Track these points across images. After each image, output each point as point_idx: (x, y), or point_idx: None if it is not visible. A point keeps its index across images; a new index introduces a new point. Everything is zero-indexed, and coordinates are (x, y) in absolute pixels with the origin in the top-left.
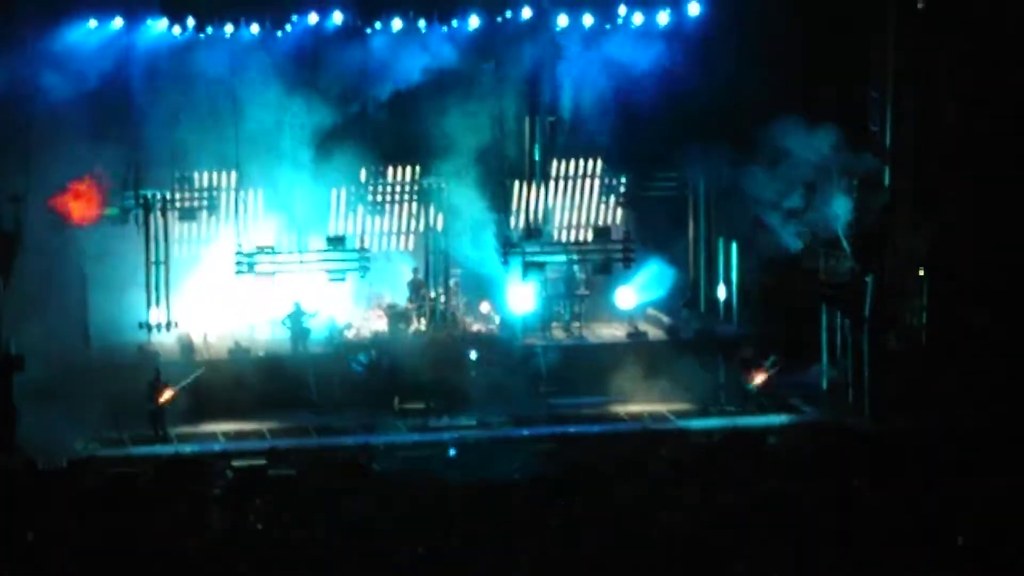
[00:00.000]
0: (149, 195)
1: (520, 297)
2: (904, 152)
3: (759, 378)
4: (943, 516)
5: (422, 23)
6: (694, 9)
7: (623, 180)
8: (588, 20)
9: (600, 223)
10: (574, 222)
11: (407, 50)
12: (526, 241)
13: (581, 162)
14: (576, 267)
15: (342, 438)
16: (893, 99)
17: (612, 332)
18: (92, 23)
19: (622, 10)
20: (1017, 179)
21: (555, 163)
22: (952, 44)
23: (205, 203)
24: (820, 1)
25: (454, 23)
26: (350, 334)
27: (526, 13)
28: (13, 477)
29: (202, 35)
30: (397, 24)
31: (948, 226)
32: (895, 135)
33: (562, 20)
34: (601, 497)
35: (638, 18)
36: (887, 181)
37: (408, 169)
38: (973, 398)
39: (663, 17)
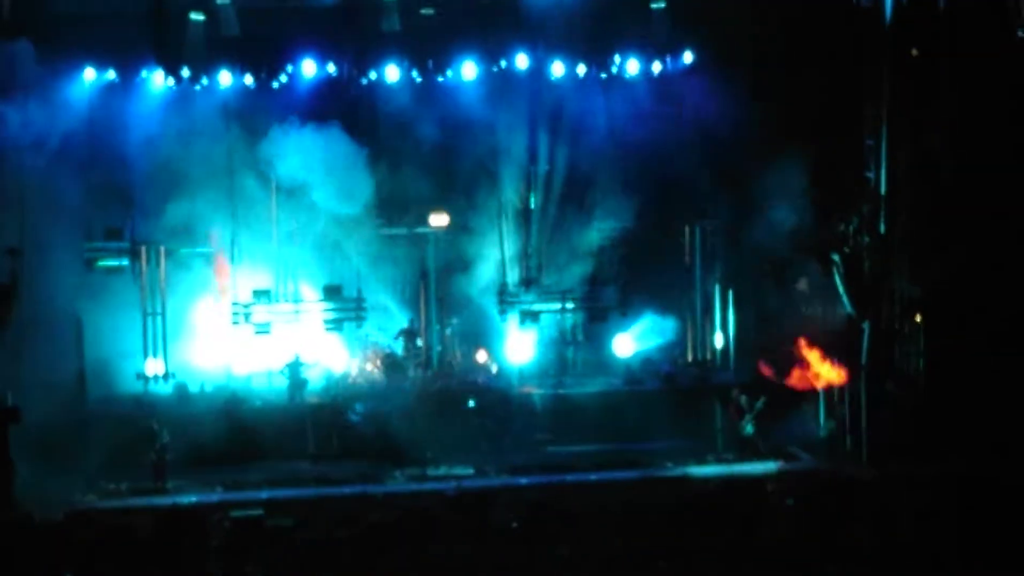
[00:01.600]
0: (145, 245)
1: (517, 346)
2: (900, 199)
3: (748, 422)
4: (944, 564)
5: (415, 73)
6: (688, 58)
7: (620, 228)
8: (582, 69)
9: (597, 272)
10: (571, 271)
11: (402, 99)
12: (523, 291)
13: (578, 210)
14: (572, 316)
15: (340, 488)
16: (889, 147)
17: (609, 380)
18: (88, 73)
19: (616, 59)
20: (1013, 225)
21: (552, 211)
22: (948, 92)
23: (201, 253)
24: (815, 50)
25: (449, 73)
26: (347, 383)
27: (521, 62)
28: (10, 531)
29: (197, 86)
30: (393, 73)
31: (945, 273)
32: (891, 182)
33: (557, 69)
34: (599, 545)
35: (633, 66)
36: (883, 228)
37: (404, 218)
38: (971, 446)
39: (657, 66)
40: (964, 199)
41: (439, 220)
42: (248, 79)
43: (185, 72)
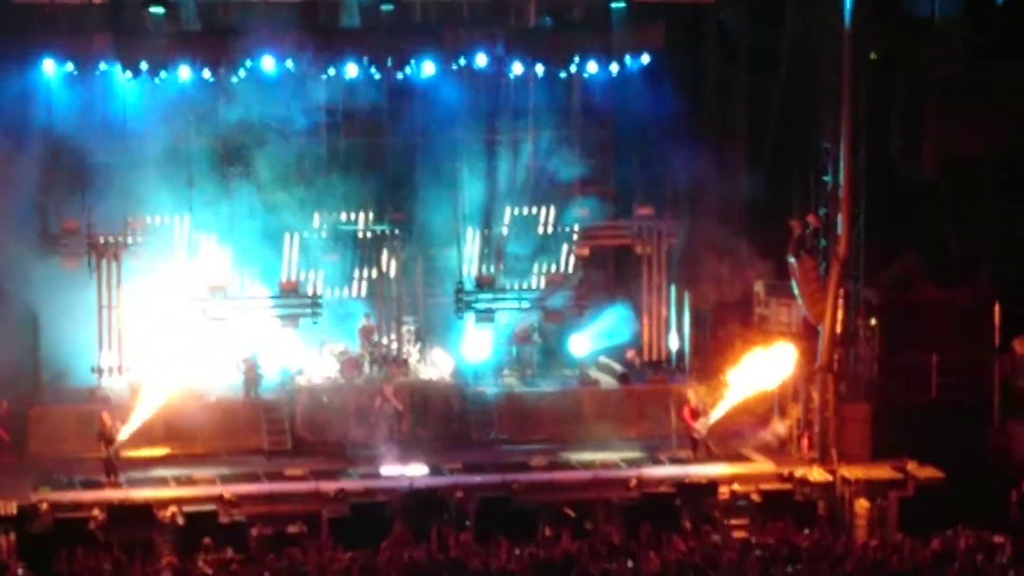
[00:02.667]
0: (101, 239)
1: (473, 344)
2: (857, 203)
3: (701, 424)
4: (893, 566)
5: (374, 70)
6: (645, 59)
7: (577, 228)
8: (540, 69)
9: (553, 271)
10: (528, 271)
11: (360, 95)
12: (479, 289)
13: (535, 209)
14: (528, 315)
15: (293, 484)
16: (846, 150)
17: (564, 379)
18: (47, 65)
19: (576, 59)
20: (969, 227)
21: (508, 210)
22: (904, 95)
23: (158, 247)
24: (771, 50)
25: (408, 70)
26: (302, 380)
27: (480, 61)
28: None
29: (156, 80)
30: (352, 70)
31: (900, 276)
32: (848, 186)
33: (516, 68)
34: (551, 545)
35: (592, 67)
36: (839, 231)
37: (362, 215)
38: (922, 449)
39: (615, 66)
40: (921, 203)
41: (396, 218)
42: (207, 73)
43: (143, 66)
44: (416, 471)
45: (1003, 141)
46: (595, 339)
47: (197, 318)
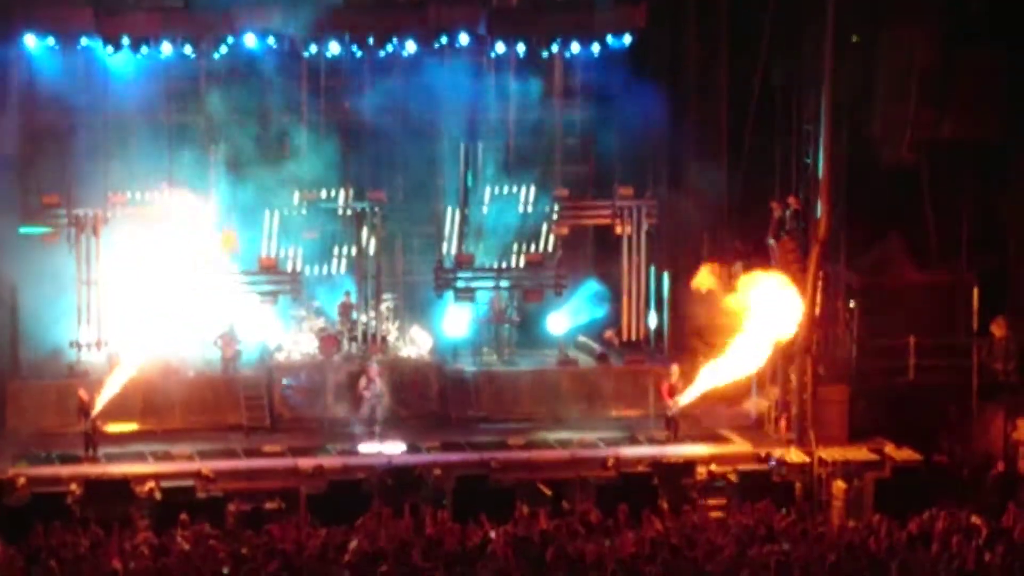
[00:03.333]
0: (81, 213)
1: (452, 322)
2: (837, 185)
3: (674, 402)
4: (871, 547)
5: (356, 48)
6: (628, 39)
7: (556, 208)
8: (521, 48)
9: (533, 250)
10: (507, 249)
11: (341, 73)
12: (459, 268)
13: (515, 188)
14: (507, 293)
15: (271, 460)
16: (827, 132)
17: (543, 358)
18: (29, 40)
19: (557, 39)
20: (948, 212)
21: (489, 189)
22: (885, 78)
23: (137, 222)
24: (753, 32)
25: (389, 48)
26: (280, 356)
27: (463, 39)
28: None
29: (137, 55)
30: (334, 48)
31: (878, 259)
32: (828, 168)
33: (499, 47)
34: (528, 524)
35: (574, 47)
36: (819, 214)
37: (342, 193)
38: (899, 431)
39: (597, 47)
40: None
41: (376, 196)
42: (188, 49)
43: (125, 41)
44: (394, 449)
45: (985, 126)
46: (573, 318)
47: (175, 294)
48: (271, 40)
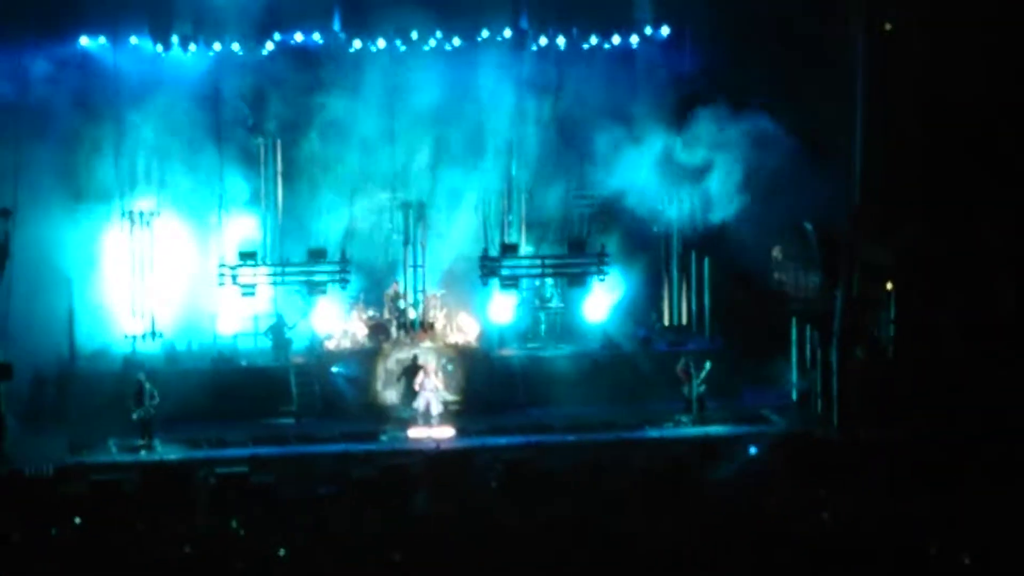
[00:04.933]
0: (135, 206)
1: (498, 310)
2: (871, 168)
3: (697, 386)
4: (911, 526)
5: (399, 43)
6: (665, 31)
7: (596, 196)
8: (562, 41)
9: (576, 238)
10: (550, 237)
11: (389, 66)
12: (503, 255)
13: (559, 178)
14: (551, 281)
15: (323, 446)
16: (861, 116)
17: (586, 344)
18: (83, 40)
19: (597, 31)
20: (980, 193)
21: (533, 178)
22: (918, 63)
23: (189, 214)
24: (787, 18)
25: (433, 41)
26: (330, 344)
27: (505, 32)
28: (1, 484)
29: (187, 53)
30: (379, 42)
31: (914, 240)
32: (863, 151)
33: (541, 41)
34: (576, 505)
35: (613, 38)
36: (856, 198)
37: (390, 186)
38: (939, 409)
39: (635, 39)
40: (934, 165)
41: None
42: (236, 46)
43: (175, 38)
44: (443, 434)
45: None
46: (616, 304)
47: (227, 284)
48: (316, 36)
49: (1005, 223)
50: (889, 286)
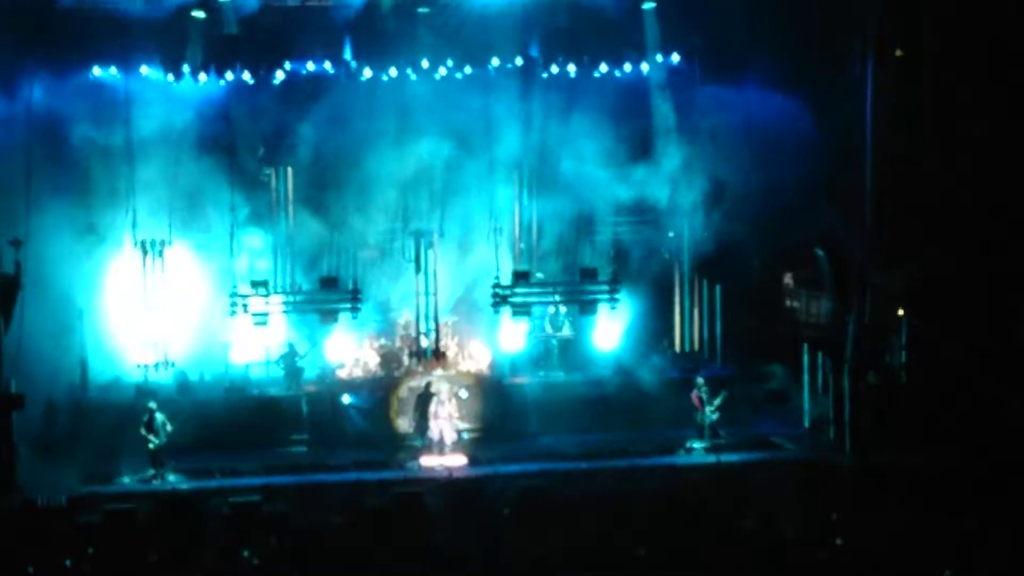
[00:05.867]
0: (146, 237)
1: (510, 337)
2: (883, 194)
3: (711, 412)
4: (924, 552)
5: (410, 71)
6: (675, 58)
7: (610, 222)
8: (572, 69)
9: (587, 265)
10: (562, 264)
11: (403, 96)
12: (515, 283)
13: (569, 205)
14: (563, 308)
15: (335, 475)
16: (873, 144)
17: (599, 371)
18: (95, 70)
19: (607, 59)
20: (992, 218)
21: (543, 207)
22: (933, 91)
23: (200, 244)
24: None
25: (443, 71)
26: (342, 373)
27: (516, 61)
28: (13, 515)
29: (197, 83)
30: (391, 71)
31: (927, 268)
32: (876, 180)
33: (552, 69)
34: (588, 532)
35: (622, 66)
36: (868, 225)
37: (398, 215)
38: (952, 436)
39: (645, 66)
40: (946, 192)
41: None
42: (247, 76)
43: (185, 68)
44: (455, 462)
45: None
46: (628, 331)
47: (239, 313)
48: (327, 65)
49: (1018, 248)
50: (901, 312)
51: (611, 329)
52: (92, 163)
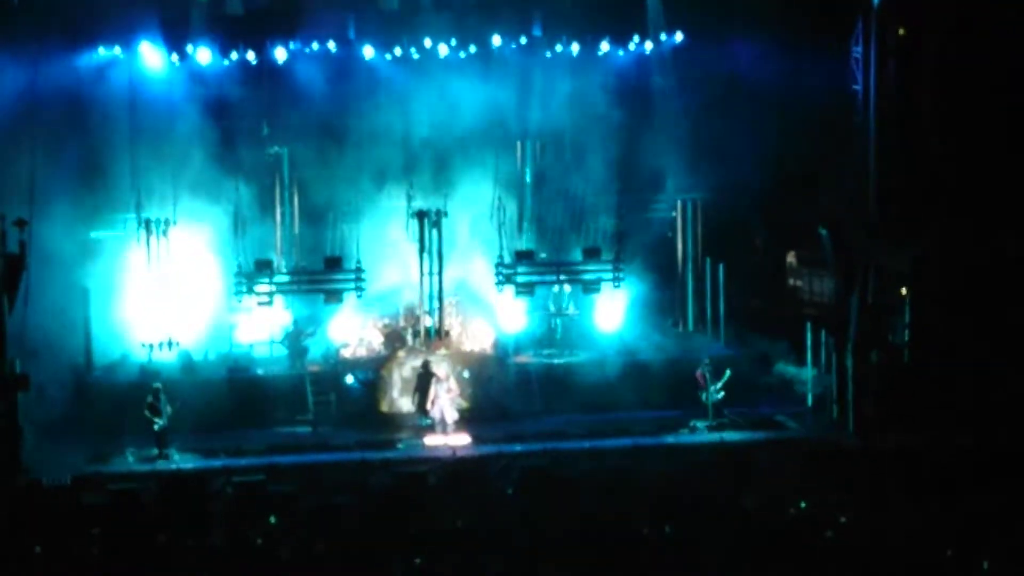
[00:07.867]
0: (151, 217)
1: (513, 317)
2: (887, 175)
3: (714, 392)
4: (927, 530)
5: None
6: (679, 37)
7: (613, 201)
8: (576, 48)
9: (590, 244)
10: (565, 244)
11: (406, 76)
12: (518, 262)
13: (573, 185)
14: (565, 287)
15: (339, 454)
16: (877, 127)
17: (602, 351)
18: (101, 51)
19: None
20: (996, 200)
21: (546, 186)
22: (935, 70)
23: (204, 224)
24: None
25: (446, 50)
26: (346, 352)
27: (518, 39)
28: (18, 495)
29: (201, 62)
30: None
31: (930, 247)
32: (879, 160)
33: (556, 47)
34: (591, 511)
35: (624, 45)
36: (871, 204)
37: (404, 192)
38: (955, 415)
39: (648, 45)
40: (950, 172)
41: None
42: (251, 55)
43: (189, 49)
44: (458, 441)
45: None
46: (631, 310)
47: (244, 294)
48: (331, 44)
49: (1021, 227)
50: (904, 291)
51: (616, 308)
52: (97, 143)
